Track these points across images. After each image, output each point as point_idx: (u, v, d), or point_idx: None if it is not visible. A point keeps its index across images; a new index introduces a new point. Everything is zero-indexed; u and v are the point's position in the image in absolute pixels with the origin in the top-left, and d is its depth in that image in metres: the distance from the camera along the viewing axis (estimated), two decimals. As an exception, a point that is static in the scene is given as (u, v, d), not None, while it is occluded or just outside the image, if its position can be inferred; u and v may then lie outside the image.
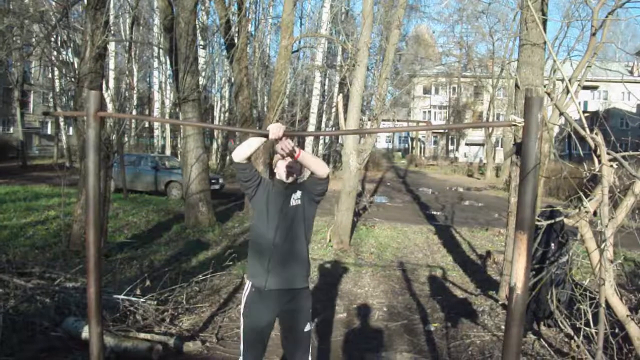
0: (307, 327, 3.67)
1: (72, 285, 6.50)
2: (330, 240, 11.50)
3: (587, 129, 3.52)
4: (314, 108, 24.54)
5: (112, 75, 28.92)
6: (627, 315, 3.82)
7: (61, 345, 5.02)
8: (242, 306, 3.67)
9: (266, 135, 3.20)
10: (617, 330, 4.00)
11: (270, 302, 3.56)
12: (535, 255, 5.83)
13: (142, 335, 5.38)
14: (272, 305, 3.57)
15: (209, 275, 7.52)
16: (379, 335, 6.24)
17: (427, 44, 49.28)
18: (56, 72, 31.09)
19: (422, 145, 61.69)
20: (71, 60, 13.15)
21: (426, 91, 60.62)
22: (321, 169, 3.57)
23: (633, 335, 3.86)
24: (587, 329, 3.97)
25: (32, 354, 4.76)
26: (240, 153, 3.47)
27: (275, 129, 3.17)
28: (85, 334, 4.80)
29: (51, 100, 37.79)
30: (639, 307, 4.13)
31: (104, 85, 10.79)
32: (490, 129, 38.52)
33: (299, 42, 22.03)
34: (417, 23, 50.23)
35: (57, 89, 34.46)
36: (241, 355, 3.70)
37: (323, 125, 32.27)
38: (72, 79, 10.32)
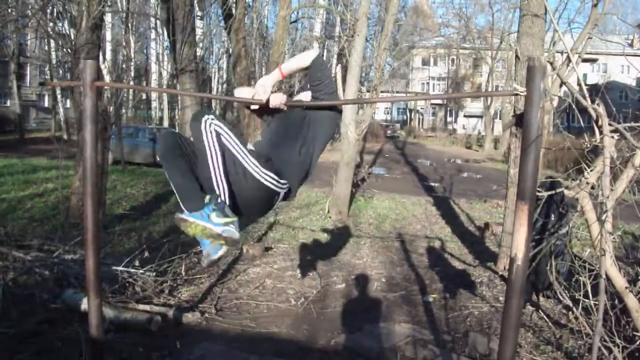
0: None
1: (71, 257, 6.51)
2: (328, 212, 11.51)
3: (589, 100, 3.48)
4: (313, 79, 24.37)
5: (108, 47, 28.61)
6: (626, 288, 3.82)
7: (60, 317, 5.03)
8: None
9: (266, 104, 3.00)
10: (615, 302, 4.01)
11: None
12: (535, 226, 5.83)
13: (141, 306, 5.41)
14: None
15: (207, 247, 7.50)
16: (377, 305, 6.27)
17: (426, 14, 48.92)
18: (52, 44, 30.73)
19: (421, 117, 61.57)
20: (67, 31, 12.98)
21: (425, 63, 60.19)
22: None
23: (631, 307, 3.87)
24: (586, 300, 3.98)
25: (32, 326, 4.77)
26: None
27: (278, 98, 2.99)
28: (84, 305, 4.81)
29: (48, 72, 37.44)
30: (638, 279, 4.13)
31: (100, 57, 10.68)
32: (489, 100, 38.38)
33: (297, 13, 21.81)
34: (417, -7, 49.69)
35: (54, 61, 34.15)
36: None
37: (321, 96, 32.00)
38: (69, 51, 10.21)
